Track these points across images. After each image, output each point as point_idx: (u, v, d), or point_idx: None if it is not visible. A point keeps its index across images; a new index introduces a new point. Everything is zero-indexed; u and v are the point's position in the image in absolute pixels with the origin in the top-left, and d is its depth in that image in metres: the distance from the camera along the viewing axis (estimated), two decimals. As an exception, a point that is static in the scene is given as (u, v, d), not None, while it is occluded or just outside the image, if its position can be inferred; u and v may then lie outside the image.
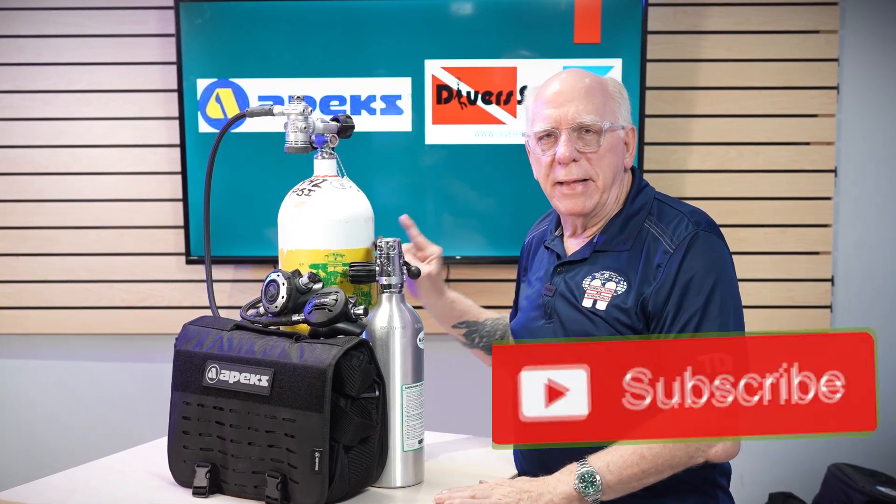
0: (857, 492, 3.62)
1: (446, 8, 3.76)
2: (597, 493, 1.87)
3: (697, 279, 2.00)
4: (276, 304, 1.90)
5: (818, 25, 3.91)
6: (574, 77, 2.14)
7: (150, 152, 4.02)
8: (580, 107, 2.08)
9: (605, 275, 2.09)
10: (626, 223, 2.13)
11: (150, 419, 3.77)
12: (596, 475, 1.88)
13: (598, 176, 2.11)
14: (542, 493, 1.87)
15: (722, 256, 2.07)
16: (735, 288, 2.08)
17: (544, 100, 2.12)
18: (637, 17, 3.68)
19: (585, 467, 1.88)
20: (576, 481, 1.87)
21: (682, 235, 2.05)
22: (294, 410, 1.79)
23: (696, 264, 2.02)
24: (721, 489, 2.14)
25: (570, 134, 2.09)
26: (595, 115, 2.09)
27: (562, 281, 2.15)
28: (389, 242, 1.96)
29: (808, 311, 3.99)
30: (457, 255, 3.83)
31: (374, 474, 1.91)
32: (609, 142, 2.11)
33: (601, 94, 2.11)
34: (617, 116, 2.13)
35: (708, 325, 1.98)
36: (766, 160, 3.96)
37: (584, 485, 1.87)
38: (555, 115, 2.10)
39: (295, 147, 2.01)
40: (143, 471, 2.06)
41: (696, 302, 1.99)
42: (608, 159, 2.11)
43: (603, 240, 2.13)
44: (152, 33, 3.98)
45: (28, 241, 4.07)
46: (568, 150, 2.08)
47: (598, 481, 1.87)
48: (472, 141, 3.77)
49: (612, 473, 1.89)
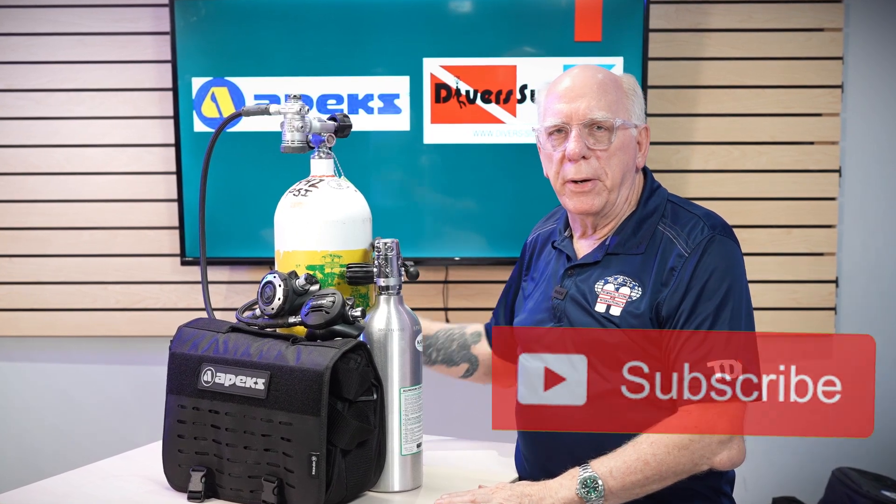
0: (862, 496, 3.60)
1: (445, 5, 3.74)
2: (599, 499, 1.86)
3: (712, 283, 2.00)
4: (273, 305, 1.89)
5: (822, 23, 3.89)
6: (587, 72, 2.11)
7: (145, 152, 3.99)
8: (592, 102, 2.06)
9: (618, 279, 2.06)
10: (639, 225, 2.10)
11: (144, 423, 3.76)
12: (598, 480, 1.86)
13: (607, 175, 2.08)
14: (543, 498, 1.86)
15: (737, 261, 2.07)
16: (747, 294, 2.06)
17: (556, 94, 2.10)
18: (639, 15, 3.66)
19: (588, 472, 1.87)
20: (578, 486, 1.86)
21: (697, 239, 2.04)
22: (291, 414, 1.77)
23: (711, 268, 2.01)
24: (726, 496, 2.13)
25: (581, 130, 2.06)
26: (607, 112, 2.06)
27: (573, 284, 2.12)
28: (387, 243, 1.94)
29: (813, 313, 3.97)
30: (456, 257, 3.80)
31: (372, 478, 1.90)
32: (620, 140, 2.08)
33: (614, 91, 2.09)
34: (630, 114, 2.10)
35: (719, 329, 1.97)
36: (769, 160, 3.94)
37: (586, 490, 1.85)
38: (566, 111, 2.07)
39: (291, 147, 2.00)
40: (138, 475, 2.05)
41: (709, 306, 1.98)
42: (618, 158, 2.08)
43: (616, 242, 2.11)
44: (147, 31, 3.95)
45: (21, 242, 4.04)
46: (578, 146, 2.06)
47: (600, 486, 1.86)
48: (471, 140, 3.74)
49: (614, 479, 1.87)
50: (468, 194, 3.80)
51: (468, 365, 2.36)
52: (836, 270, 3.98)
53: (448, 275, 3.93)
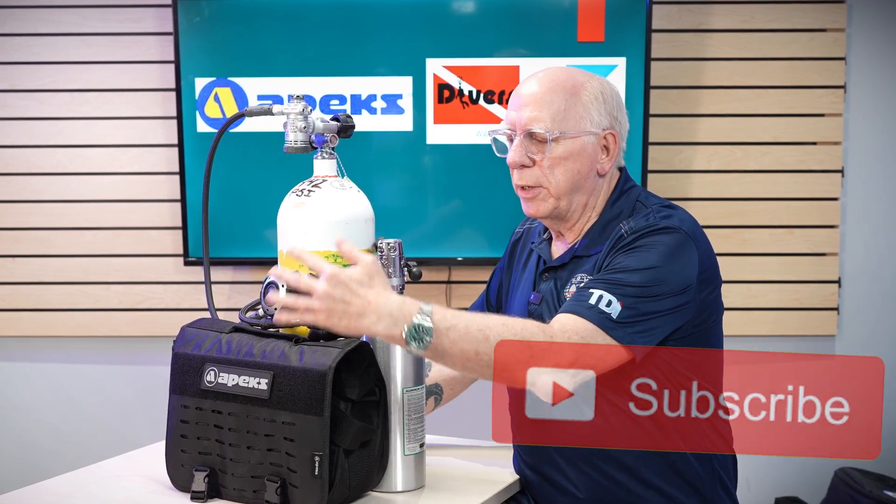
0: (865, 496, 3.59)
1: (448, 6, 3.74)
2: (420, 350, 1.77)
3: (635, 254, 1.95)
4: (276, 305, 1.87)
5: (825, 23, 3.89)
6: (539, 81, 2.10)
7: (148, 152, 3.99)
8: (534, 113, 2.05)
9: (579, 278, 2.06)
10: (604, 228, 2.10)
11: (147, 423, 3.75)
12: (429, 334, 1.76)
13: (550, 183, 2.07)
14: (363, 314, 1.75)
15: (684, 261, 1.97)
16: (669, 298, 1.95)
17: (512, 100, 2.12)
18: (641, 16, 3.66)
19: (424, 319, 1.76)
20: (406, 329, 1.75)
21: (641, 224, 2.00)
22: (294, 414, 1.77)
23: (645, 244, 1.95)
24: (727, 494, 2.11)
25: (522, 140, 2.07)
26: (547, 123, 2.04)
27: (547, 288, 2.13)
28: (390, 244, 1.94)
29: (815, 314, 3.97)
30: (458, 257, 3.80)
31: (375, 479, 1.89)
32: (565, 149, 2.05)
33: (564, 100, 2.06)
34: (583, 122, 2.06)
35: (619, 278, 1.91)
36: (772, 160, 3.94)
37: (413, 334, 1.75)
38: (512, 118, 2.10)
39: (294, 147, 1.99)
40: (141, 475, 2.04)
41: (626, 261, 1.94)
42: (563, 167, 2.06)
43: (584, 244, 2.11)
44: (150, 31, 3.96)
45: (23, 242, 4.04)
46: (517, 154, 2.08)
47: (427, 340, 1.76)
48: (473, 141, 3.74)
49: (447, 338, 1.77)
50: (471, 194, 3.80)
51: (433, 396, 2.32)
52: (838, 271, 3.98)
53: (451, 275, 3.93)
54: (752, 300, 3.96)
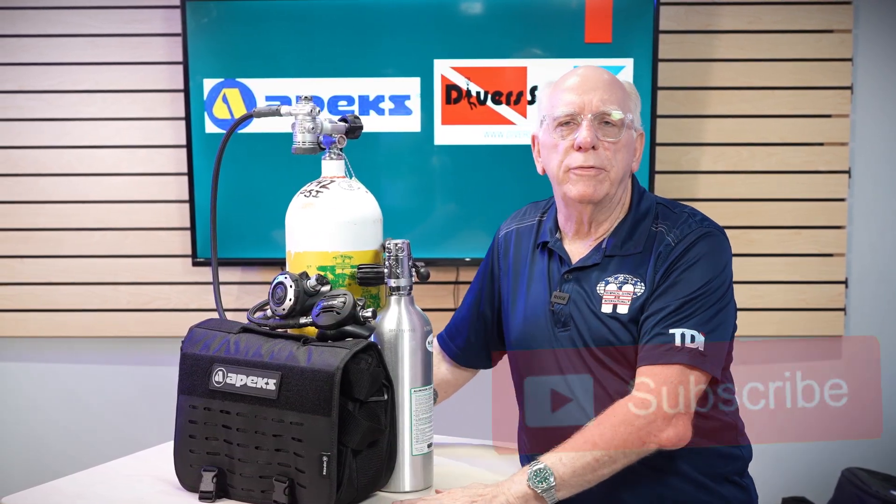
0: (872, 496, 3.59)
1: (456, 7, 3.74)
2: (551, 489, 1.84)
3: (698, 268, 2.02)
4: (284, 306, 1.89)
5: (832, 25, 3.89)
6: (595, 70, 2.14)
7: (156, 153, 4.00)
8: (605, 96, 2.07)
9: (619, 278, 2.07)
10: (634, 227, 2.11)
11: (155, 423, 3.76)
12: (548, 470, 1.85)
13: (613, 167, 2.09)
14: (496, 496, 1.84)
15: (726, 259, 2.09)
16: (728, 290, 2.07)
17: (565, 88, 2.11)
18: (649, 17, 3.66)
19: (538, 465, 1.86)
20: (529, 479, 1.85)
21: (685, 231, 2.07)
22: (302, 414, 1.77)
23: (698, 255, 2.03)
24: (734, 485, 2.15)
25: (592, 121, 2.06)
26: (618, 107, 2.08)
27: (573, 288, 2.11)
28: (398, 244, 1.94)
29: (822, 314, 3.96)
30: (466, 257, 3.80)
31: (383, 479, 1.90)
32: (627, 137, 2.10)
33: (621, 90, 2.12)
34: (636, 117, 2.14)
35: (688, 309, 1.98)
36: (779, 161, 3.94)
37: (537, 480, 1.84)
38: (578, 101, 2.08)
39: (303, 148, 2.00)
40: (149, 475, 2.05)
41: (684, 290, 2.00)
42: (623, 153, 2.10)
43: (612, 244, 2.11)
44: (158, 33, 3.96)
45: (31, 243, 4.05)
46: (590, 134, 2.06)
47: (550, 476, 1.84)
48: (481, 142, 3.74)
49: (564, 466, 1.86)
50: (478, 195, 3.80)
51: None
52: (845, 271, 3.97)
53: (459, 275, 3.93)
54: (759, 300, 3.96)
